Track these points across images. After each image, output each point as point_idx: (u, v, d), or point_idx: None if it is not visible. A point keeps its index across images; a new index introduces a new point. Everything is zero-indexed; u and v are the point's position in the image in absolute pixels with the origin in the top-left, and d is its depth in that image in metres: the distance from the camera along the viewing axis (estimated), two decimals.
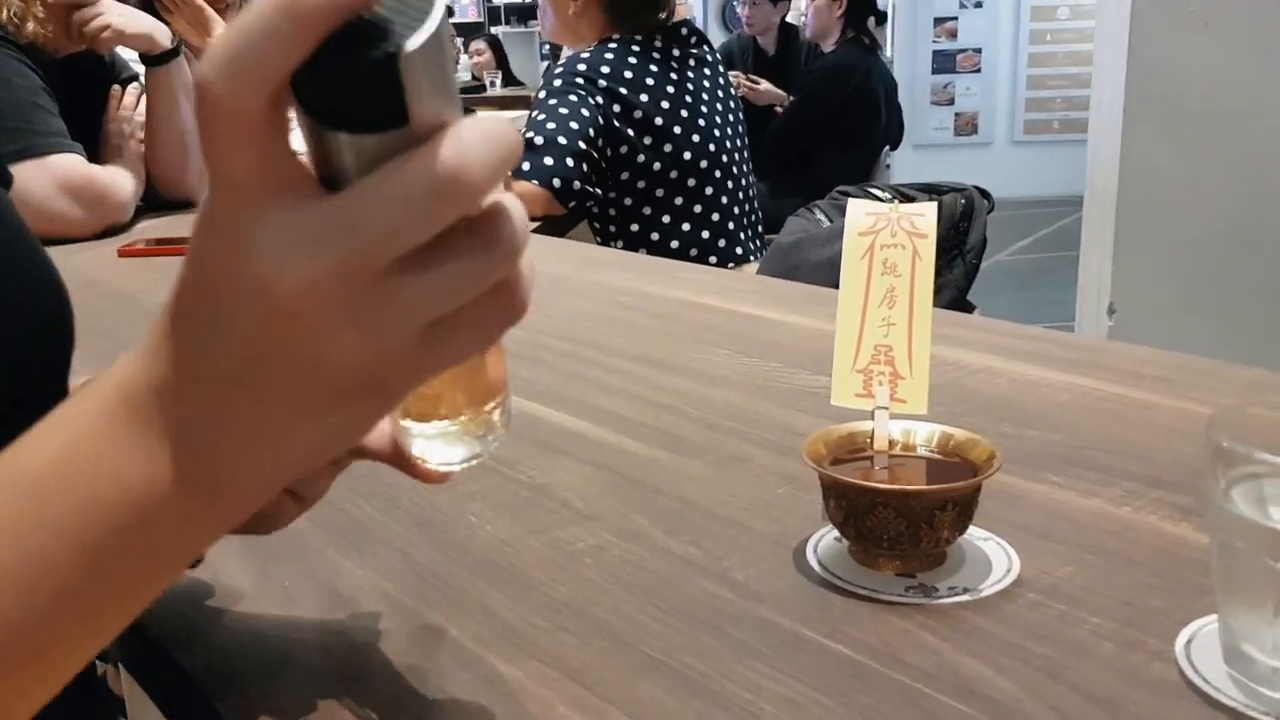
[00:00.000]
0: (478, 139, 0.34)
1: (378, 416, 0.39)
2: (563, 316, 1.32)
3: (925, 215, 0.73)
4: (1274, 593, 0.54)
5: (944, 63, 8.22)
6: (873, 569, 0.70)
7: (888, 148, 4.37)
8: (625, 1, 2.28)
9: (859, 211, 0.74)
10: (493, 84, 6.57)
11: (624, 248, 2.23)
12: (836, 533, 0.72)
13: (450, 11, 5.55)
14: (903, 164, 8.06)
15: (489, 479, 0.85)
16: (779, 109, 4.44)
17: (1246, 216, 2.79)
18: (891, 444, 0.74)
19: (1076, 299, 3.22)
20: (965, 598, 0.66)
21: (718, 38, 6.94)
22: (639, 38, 2.25)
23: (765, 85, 4.56)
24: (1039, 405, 0.97)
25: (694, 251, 2.26)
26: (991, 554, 0.72)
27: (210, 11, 2.42)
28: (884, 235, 0.73)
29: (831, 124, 4.04)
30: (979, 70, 8.16)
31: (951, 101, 8.25)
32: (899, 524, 0.67)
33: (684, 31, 2.32)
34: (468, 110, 0.37)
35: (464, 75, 6.95)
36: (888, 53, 8.43)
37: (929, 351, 0.75)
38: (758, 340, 1.21)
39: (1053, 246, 6.40)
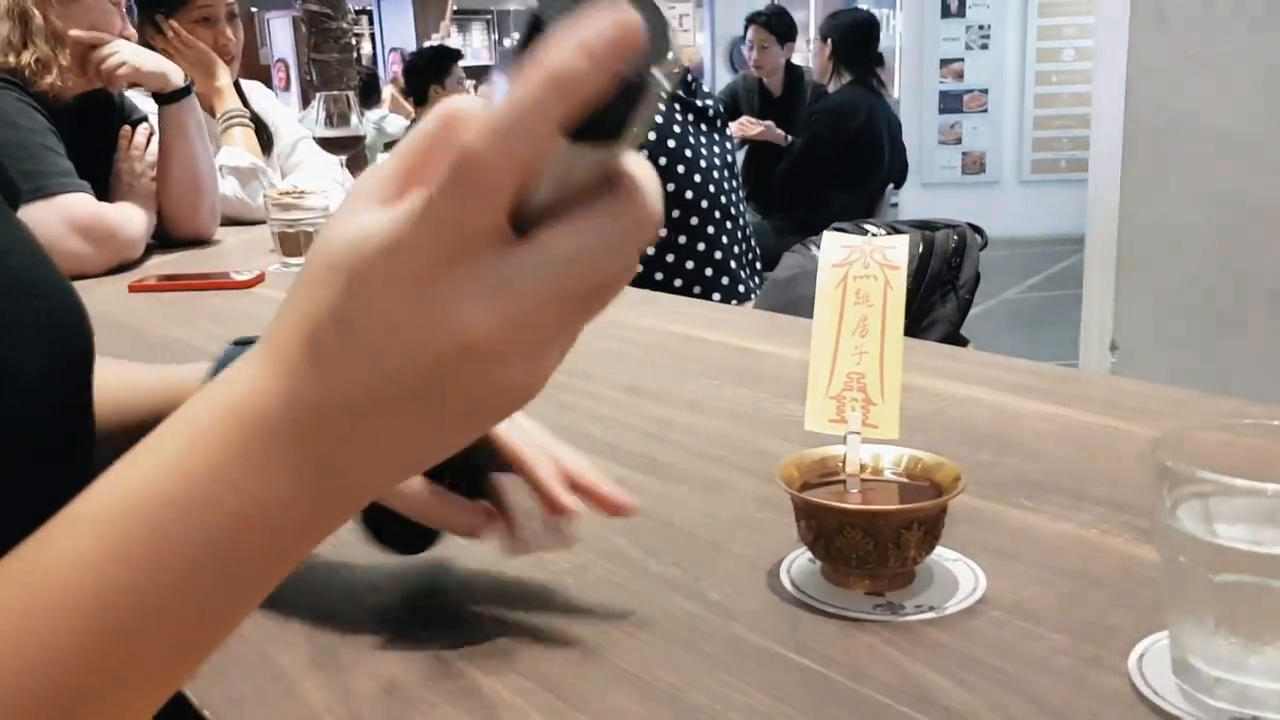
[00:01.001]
0: (651, 178, 0.37)
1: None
2: None
3: (896, 247, 0.76)
4: (1214, 605, 0.57)
5: (951, 103, 8.27)
6: (843, 588, 0.72)
7: (891, 186, 4.41)
8: None
9: (833, 244, 0.76)
10: None
11: (630, 287, 2.26)
12: (810, 554, 0.75)
13: (459, 55, 5.63)
14: (911, 202, 8.11)
15: None
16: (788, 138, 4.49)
17: (1244, 253, 2.81)
18: (863, 468, 0.77)
19: (1080, 336, 3.25)
20: (931, 615, 0.69)
21: (725, 78, 7.00)
22: None
23: (765, 126, 4.62)
24: (1019, 435, 0.99)
25: (697, 290, 2.29)
26: (959, 574, 0.74)
27: (213, 55, 2.47)
28: (857, 267, 0.76)
29: (835, 163, 4.09)
30: (985, 110, 8.21)
31: (959, 141, 8.29)
32: (867, 544, 0.69)
33: (688, 78, 2.37)
34: None
35: None
36: (894, 93, 8.52)
37: (900, 378, 0.77)
38: (748, 371, 1.24)
39: (1060, 284, 6.42)
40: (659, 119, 2.22)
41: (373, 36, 11.36)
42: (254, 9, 10.60)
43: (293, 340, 0.39)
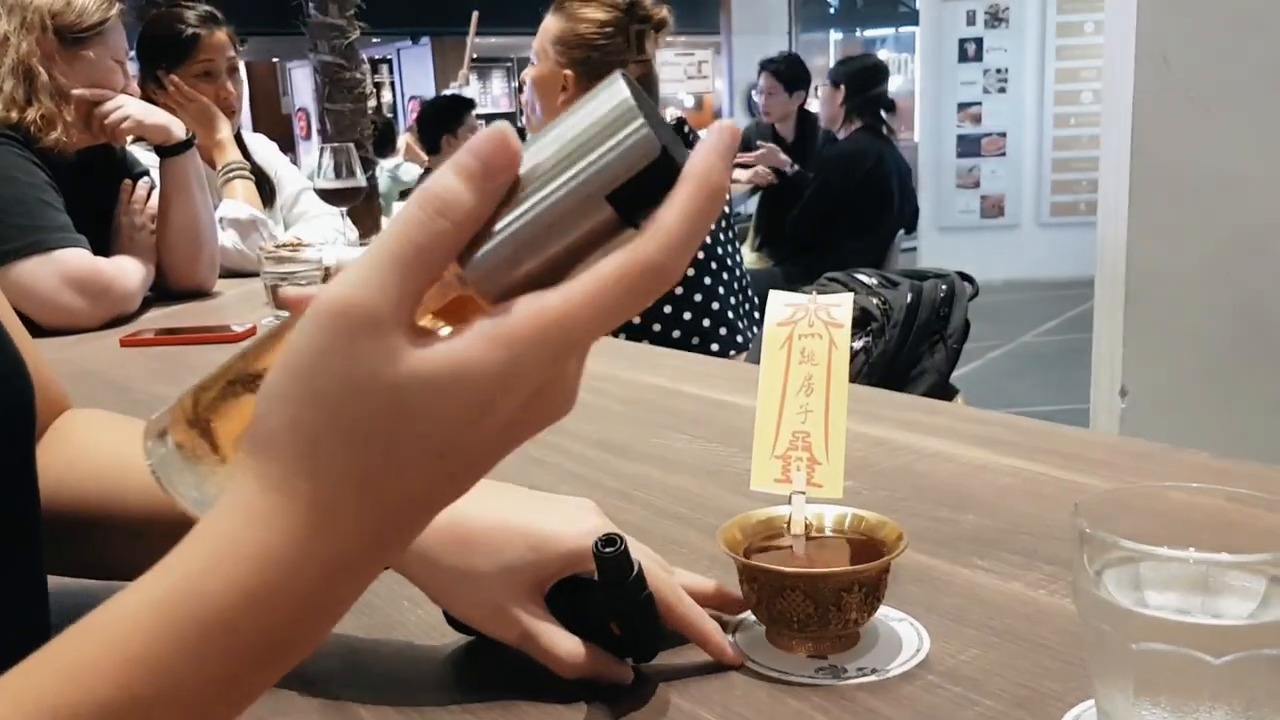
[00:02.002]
0: (683, 234, 0.41)
1: None
2: None
3: (840, 305, 0.76)
4: (1135, 673, 0.56)
5: (969, 147, 8.29)
6: (787, 651, 0.72)
7: (902, 231, 4.41)
8: None
9: (777, 303, 0.77)
10: None
11: (627, 338, 2.26)
12: (754, 616, 0.74)
13: (473, 104, 5.69)
14: (930, 247, 8.11)
15: None
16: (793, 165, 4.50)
17: (1254, 297, 2.80)
18: (808, 528, 0.77)
19: (1090, 381, 3.23)
20: (873, 678, 0.68)
21: (743, 123, 7.03)
22: None
23: (759, 155, 4.62)
24: (980, 490, 0.99)
25: (695, 340, 2.29)
26: (904, 635, 0.74)
27: (214, 108, 2.50)
28: (802, 325, 0.76)
29: (845, 209, 4.09)
30: (1004, 154, 8.23)
31: (977, 184, 8.30)
32: (808, 606, 0.69)
33: (685, 129, 2.38)
34: None
35: None
36: (914, 138, 8.54)
37: (844, 438, 0.77)
38: (721, 425, 1.23)
39: (1078, 328, 6.38)
40: None
41: (393, 85, 11.48)
42: (275, 59, 10.74)
43: (313, 436, 0.42)
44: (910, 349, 1.79)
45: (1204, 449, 1.04)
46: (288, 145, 7.68)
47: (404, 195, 4.66)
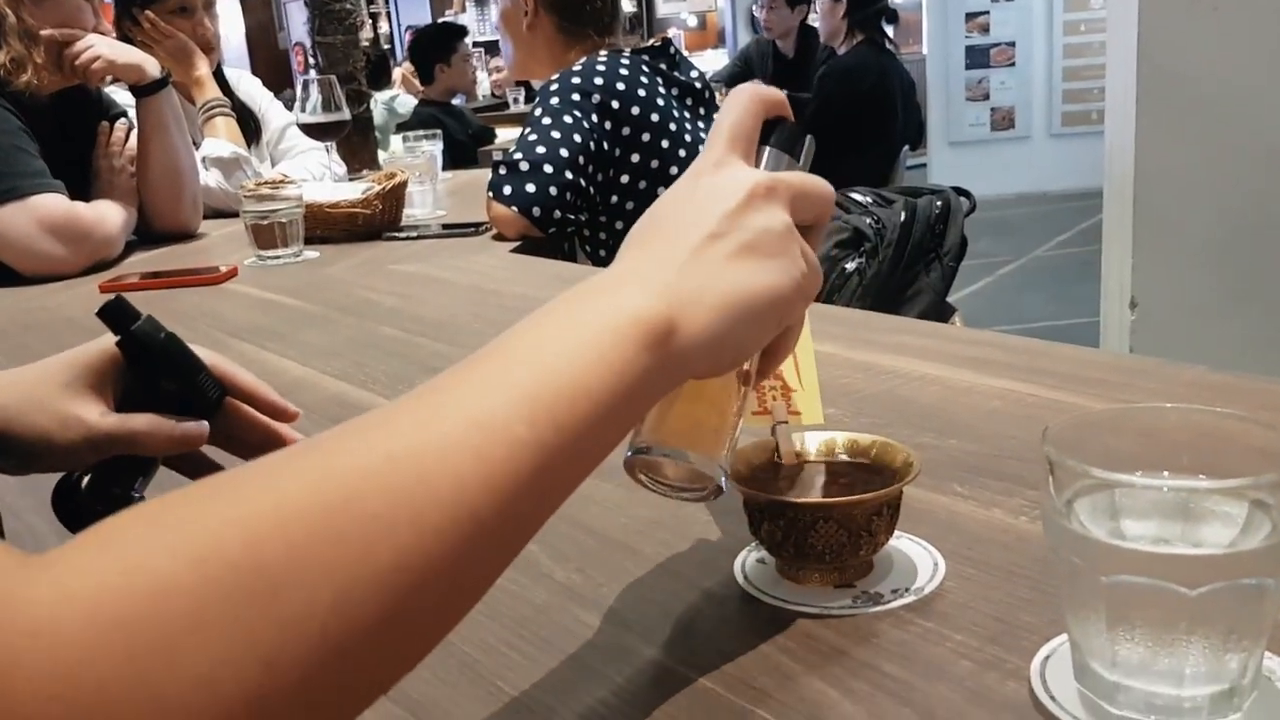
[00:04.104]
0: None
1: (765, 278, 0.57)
2: None
3: None
4: (1107, 607, 0.53)
5: (977, 58, 8.15)
6: (804, 584, 0.69)
7: (907, 148, 4.34)
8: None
9: None
10: (516, 101, 6.62)
11: (588, 238, 2.23)
12: (761, 553, 0.72)
13: (464, 31, 5.59)
14: (940, 162, 8.02)
15: None
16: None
17: (1264, 204, 2.74)
18: (798, 456, 0.74)
19: (1100, 294, 3.18)
20: (911, 598, 0.67)
21: (744, 40, 6.94)
22: (626, 52, 2.25)
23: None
24: (965, 413, 0.96)
25: None
26: (909, 551, 0.72)
27: (191, 45, 2.46)
28: None
29: (848, 127, 4.02)
30: (1013, 64, 8.09)
31: (987, 97, 8.18)
32: (841, 535, 0.66)
33: (670, 50, 2.32)
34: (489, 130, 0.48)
35: (483, 91, 7.01)
36: (921, 50, 8.40)
37: (815, 361, 0.75)
38: None
39: (1092, 240, 6.31)
40: (641, 94, 2.18)
41: (389, 15, 11.33)
42: None
43: (652, 230, 0.60)
44: (905, 269, 1.75)
45: (1217, 361, 1.01)
46: (285, 80, 7.60)
47: (400, 128, 4.60)
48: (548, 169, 2.06)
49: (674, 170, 2.18)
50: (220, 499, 0.41)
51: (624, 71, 2.18)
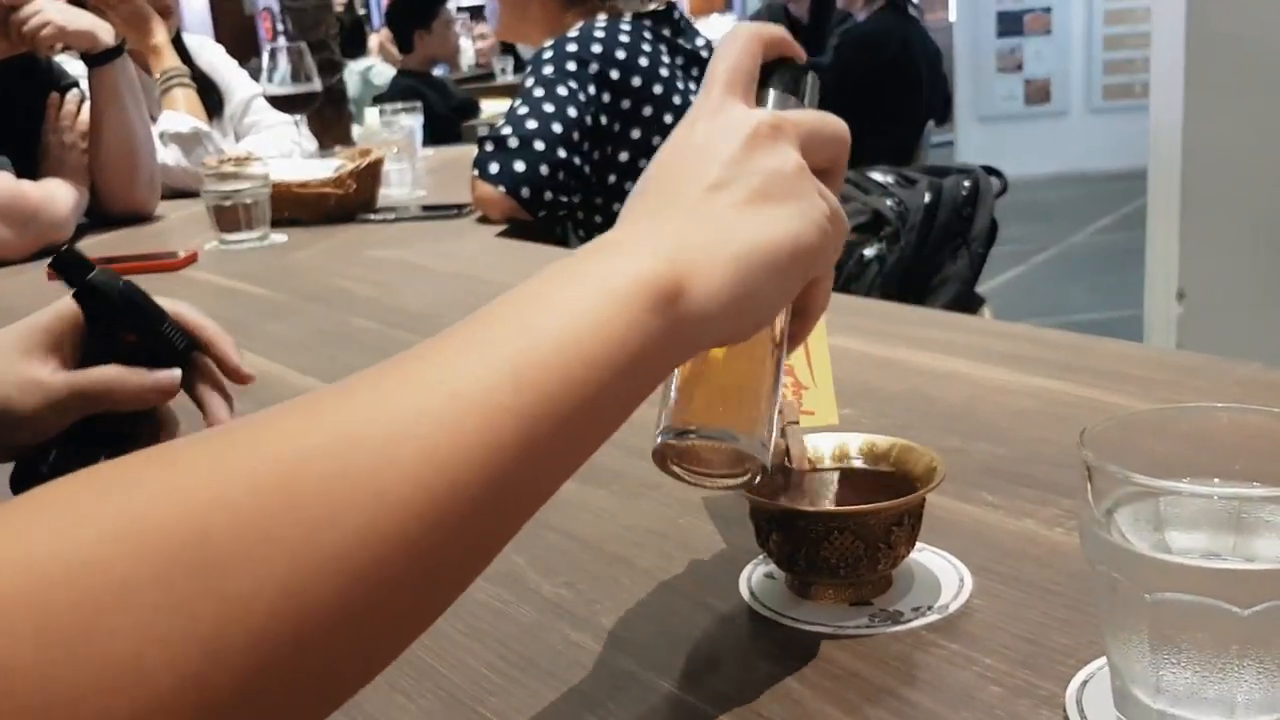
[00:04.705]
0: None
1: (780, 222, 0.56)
2: None
3: None
4: (1150, 627, 0.53)
5: (1010, 24, 8.15)
6: (822, 601, 0.69)
7: (932, 123, 4.34)
8: None
9: None
10: (503, 71, 6.61)
11: (581, 219, 2.22)
12: (770, 566, 0.71)
13: None
14: (968, 140, 8.02)
15: None
16: None
17: None
18: (811, 461, 0.73)
19: (1145, 284, 3.18)
20: (935, 617, 0.66)
21: (754, 4, 6.94)
22: (627, 17, 2.24)
23: None
24: (995, 414, 0.95)
25: None
26: (931, 565, 0.72)
27: (148, 9, 2.45)
28: None
29: (867, 99, 4.02)
30: (1049, 32, 8.09)
31: (1020, 67, 8.18)
32: (857, 547, 0.66)
33: (674, 15, 2.32)
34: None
35: (468, 61, 7.01)
36: (949, 16, 8.40)
37: (829, 357, 0.74)
38: None
39: (1136, 225, 6.31)
40: (643, 63, 2.18)
41: None
42: None
43: (653, 183, 0.59)
44: (930, 255, 1.75)
45: (1272, 357, 1.01)
46: (252, 48, 7.59)
47: (377, 100, 4.59)
48: (539, 145, 2.06)
49: None
50: (158, 467, 0.40)
51: (624, 39, 2.18)
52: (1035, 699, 0.58)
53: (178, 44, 2.61)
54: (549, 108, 2.09)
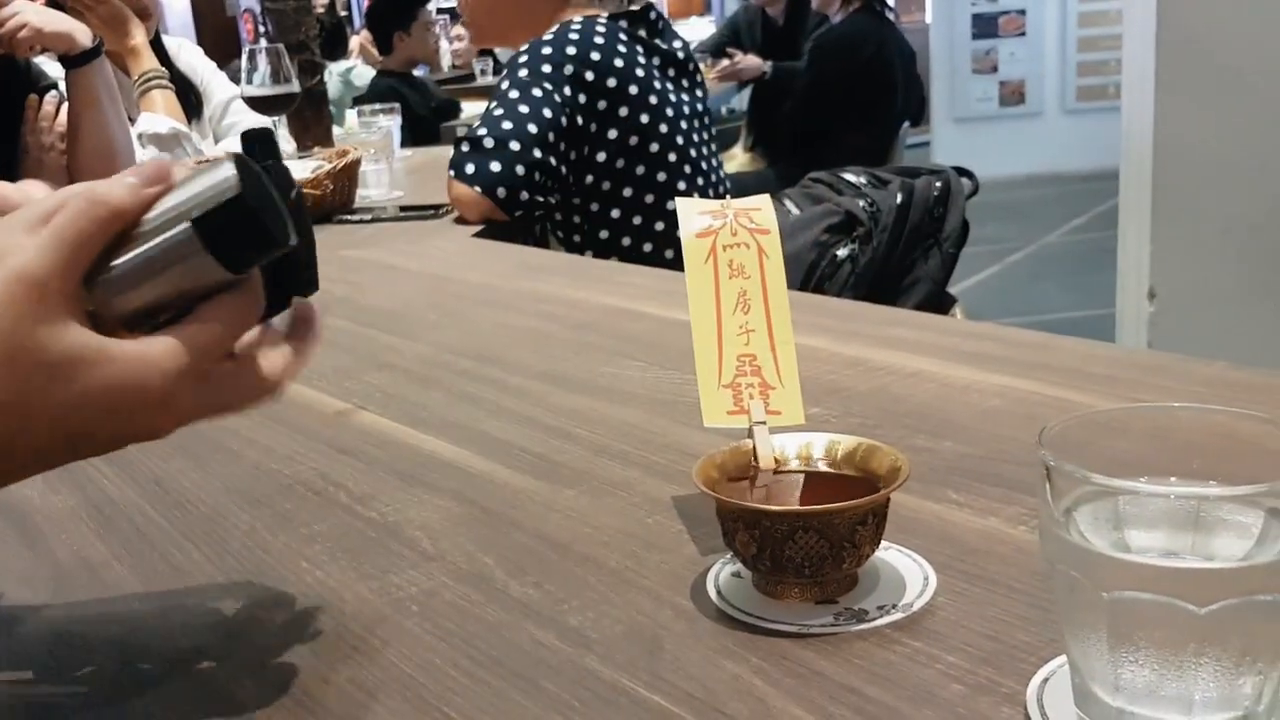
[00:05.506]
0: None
1: None
2: (472, 331, 1.32)
3: (762, 209, 0.72)
4: (1109, 626, 0.53)
5: (985, 27, 8.17)
6: (787, 600, 0.68)
7: (906, 124, 4.35)
8: None
9: (690, 211, 0.73)
10: (483, 72, 6.60)
11: (595, 257, 2.21)
12: (736, 566, 0.71)
13: None
14: (944, 140, 8.03)
15: (336, 518, 0.85)
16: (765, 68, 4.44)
17: None
18: (777, 461, 0.73)
19: (1117, 283, 3.19)
20: (899, 615, 0.66)
21: (732, 7, 6.94)
22: (603, 18, 2.24)
23: (741, 58, 4.56)
24: (962, 413, 0.95)
25: (670, 254, 2.23)
26: (895, 563, 0.71)
27: (127, 10, 2.44)
28: (724, 235, 0.72)
29: (843, 100, 4.02)
30: (1024, 34, 8.11)
31: (995, 69, 8.19)
32: (821, 546, 0.65)
33: (652, 17, 2.31)
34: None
35: (447, 62, 6.99)
36: (925, 18, 8.41)
37: (794, 354, 0.74)
38: (678, 350, 1.19)
39: (1110, 225, 6.33)
40: (619, 64, 2.17)
41: None
42: None
43: None
44: (902, 255, 1.75)
45: (1243, 356, 1.01)
46: (234, 50, 7.56)
47: (357, 101, 4.58)
48: (514, 146, 2.05)
49: (653, 148, 2.16)
50: None
51: (599, 40, 2.17)
52: (997, 696, 0.58)
53: (156, 46, 2.60)
54: (524, 109, 2.08)
